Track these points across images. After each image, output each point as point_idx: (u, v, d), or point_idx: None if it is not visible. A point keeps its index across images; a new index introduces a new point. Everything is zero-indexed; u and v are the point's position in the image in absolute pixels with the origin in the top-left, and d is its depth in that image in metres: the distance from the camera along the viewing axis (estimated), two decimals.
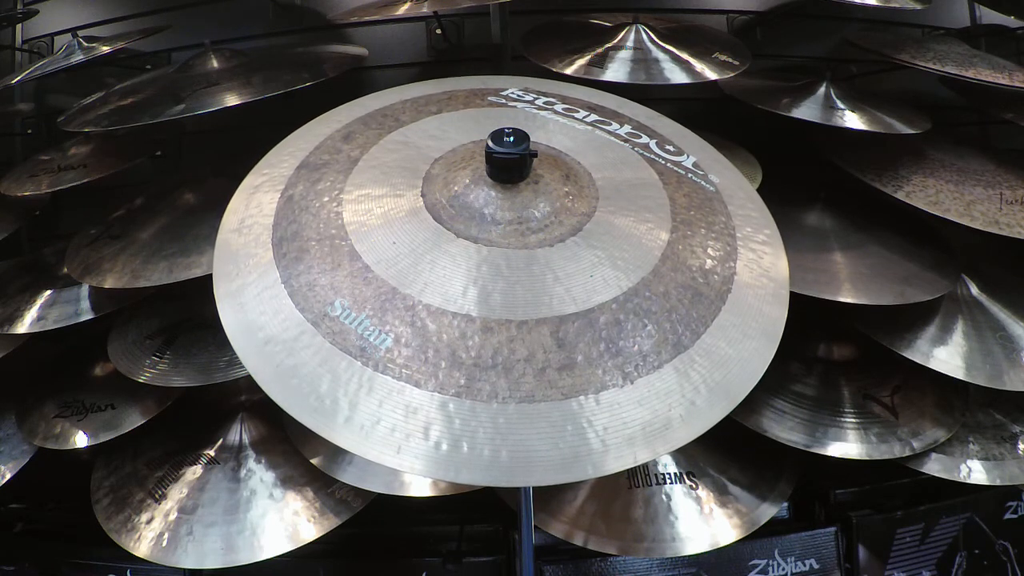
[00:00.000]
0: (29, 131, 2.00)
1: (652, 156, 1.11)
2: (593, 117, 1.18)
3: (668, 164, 1.10)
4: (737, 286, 0.94)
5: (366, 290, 0.87)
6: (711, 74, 1.50)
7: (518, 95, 1.22)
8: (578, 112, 1.19)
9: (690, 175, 1.09)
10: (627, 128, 1.17)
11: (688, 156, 1.14)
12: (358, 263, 0.89)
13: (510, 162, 0.95)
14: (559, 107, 1.19)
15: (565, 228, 0.94)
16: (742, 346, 0.89)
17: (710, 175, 1.11)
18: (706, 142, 1.21)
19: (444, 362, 0.82)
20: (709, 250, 0.97)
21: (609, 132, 1.15)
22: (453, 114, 1.15)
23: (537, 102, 1.20)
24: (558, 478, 0.78)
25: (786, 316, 0.95)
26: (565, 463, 0.78)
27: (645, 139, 1.15)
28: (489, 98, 1.20)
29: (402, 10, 1.44)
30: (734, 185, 1.12)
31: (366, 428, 0.79)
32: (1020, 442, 1.52)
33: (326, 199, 0.98)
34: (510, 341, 0.83)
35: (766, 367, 0.89)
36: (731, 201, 1.07)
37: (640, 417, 0.81)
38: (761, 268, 0.98)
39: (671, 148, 1.15)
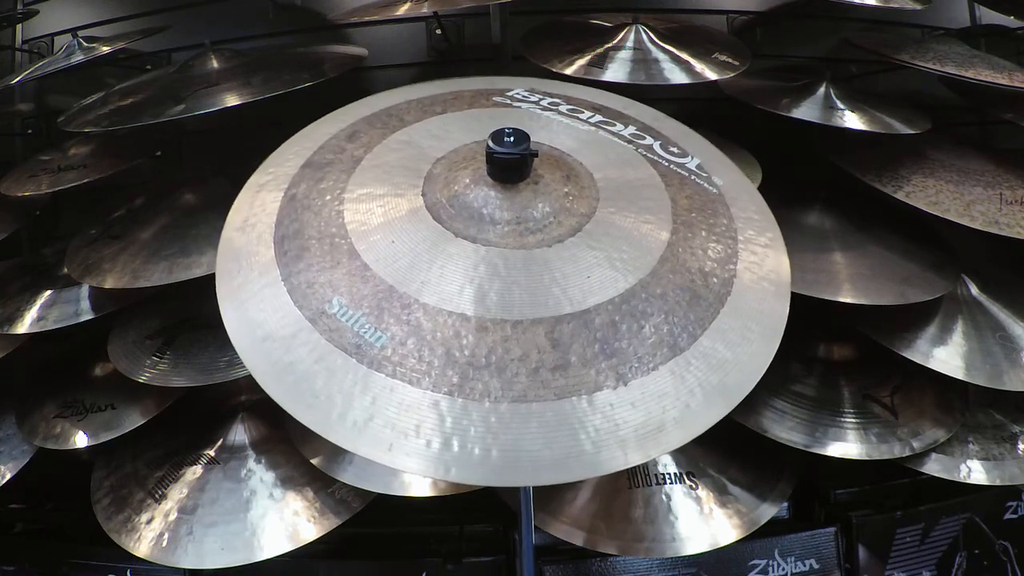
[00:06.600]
0: (29, 131, 2.00)
1: (655, 157, 1.11)
2: (597, 118, 1.18)
3: (671, 166, 1.10)
4: (737, 289, 0.94)
5: (364, 288, 0.87)
6: (711, 74, 1.49)
7: (523, 95, 1.22)
8: (583, 113, 1.18)
9: (693, 177, 1.09)
10: (631, 129, 1.17)
11: (692, 158, 1.13)
12: (357, 261, 0.90)
13: (510, 162, 0.95)
14: (564, 107, 1.19)
15: (564, 228, 0.94)
16: (740, 350, 0.89)
17: (714, 177, 1.10)
18: (711, 144, 1.21)
19: (438, 360, 0.82)
20: (710, 252, 0.97)
21: (613, 133, 1.15)
22: (457, 114, 1.15)
23: (542, 102, 1.20)
24: (549, 478, 0.78)
25: (786, 321, 0.94)
26: (557, 463, 0.78)
27: (649, 140, 1.15)
28: (494, 98, 1.20)
29: (402, 10, 1.44)
30: (738, 187, 1.12)
31: (359, 425, 0.79)
32: (1020, 442, 1.52)
33: (328, 198, 0.98)
34: (504, 341, 0.84)
35: (763, 372, 0.88)
36: (734, 203, 1.07)
37: (634, 419, 0.81)
38: (763, 272, 0.98)
39: (675, 150, 1.14)
